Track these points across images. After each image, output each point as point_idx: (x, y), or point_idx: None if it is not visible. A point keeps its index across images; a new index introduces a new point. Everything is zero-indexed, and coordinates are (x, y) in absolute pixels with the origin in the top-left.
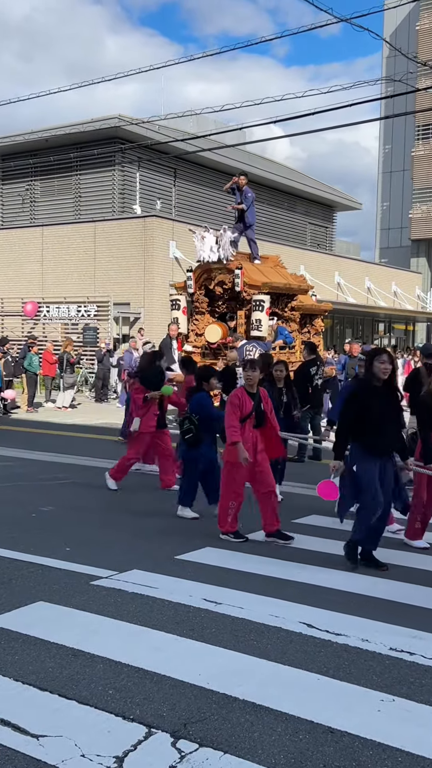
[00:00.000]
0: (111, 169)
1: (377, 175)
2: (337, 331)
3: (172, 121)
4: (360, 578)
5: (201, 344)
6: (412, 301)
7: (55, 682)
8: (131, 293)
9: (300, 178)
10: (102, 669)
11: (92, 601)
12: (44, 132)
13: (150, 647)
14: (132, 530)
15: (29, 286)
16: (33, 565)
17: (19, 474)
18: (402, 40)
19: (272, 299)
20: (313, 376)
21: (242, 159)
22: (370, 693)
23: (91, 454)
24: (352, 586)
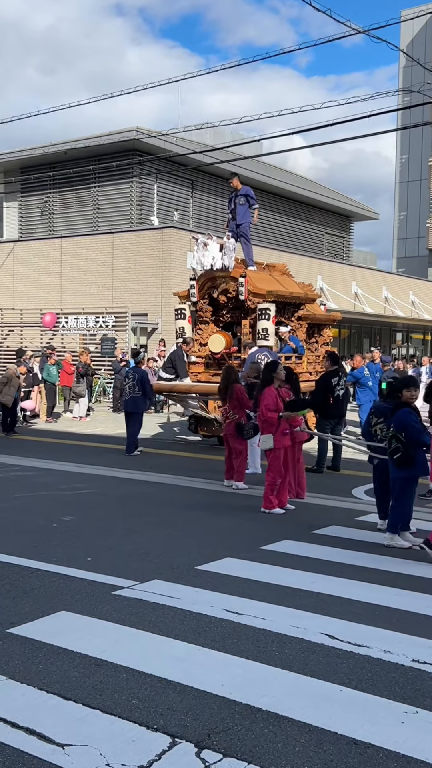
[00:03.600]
0: (129, 181)
1: (394, 185)
2: (354, 340)
3: (190, 132)
4: (381, 589)
5: (205, 354)
6: (429, 311)
7: (80, 692)
8: (149, 304)
9: (317, 189)
10: (125, 679)
11: (114, 611)
12: (63, 144)
13: (172, 657)
14: (152, 540)
15: (48, 297)
16: (55, 575)
17: (40, 484)
18: (419, 50)
19: (278, 308)
20: (334, 387)
21: (259, 170)
22: (393, 704)
23: (110, 464)
24: (373, 597)
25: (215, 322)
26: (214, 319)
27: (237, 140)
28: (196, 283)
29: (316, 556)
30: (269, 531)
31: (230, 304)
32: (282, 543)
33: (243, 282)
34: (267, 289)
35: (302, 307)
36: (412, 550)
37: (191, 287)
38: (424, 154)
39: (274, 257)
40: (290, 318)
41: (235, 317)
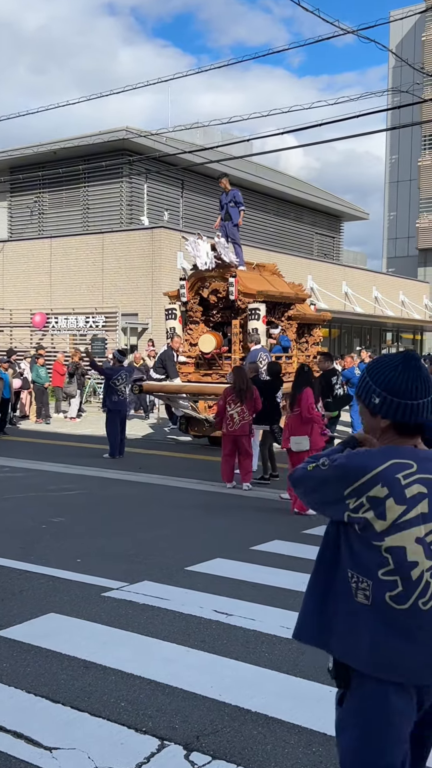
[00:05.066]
0: (119, 181)
1: (384, 185)
2: (345, 340)
3: (180, 132)
4: None
5: (195, 354)
6: (419, 311)
7: (68, 694)
8: (139, 304)
9: (307, 189)
10: (114, 681)
11: (103, 612)
12: (52, 144)
13: (162, 659)
14: (142, 541)
15: (38, 297)
16: (44, 577)
17: (29, 485)
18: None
19: (268, 308)
20: (333, 386)
21: (250, 170)
22: None
23: (100, 465)
24: None
25: (205, 322)
26: (205, 319)
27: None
28: (186, 283)
29: (307, 556)
30: (260, 531)
31: (220, 304)
32: (272, 543)
33: (233, 282)
34: (257, 289)
35: (292, 307)
36: None
37: (181, 287)
38: (413, 154)
39: (264, 257)
40: (280, 318)
41: (226, 317)
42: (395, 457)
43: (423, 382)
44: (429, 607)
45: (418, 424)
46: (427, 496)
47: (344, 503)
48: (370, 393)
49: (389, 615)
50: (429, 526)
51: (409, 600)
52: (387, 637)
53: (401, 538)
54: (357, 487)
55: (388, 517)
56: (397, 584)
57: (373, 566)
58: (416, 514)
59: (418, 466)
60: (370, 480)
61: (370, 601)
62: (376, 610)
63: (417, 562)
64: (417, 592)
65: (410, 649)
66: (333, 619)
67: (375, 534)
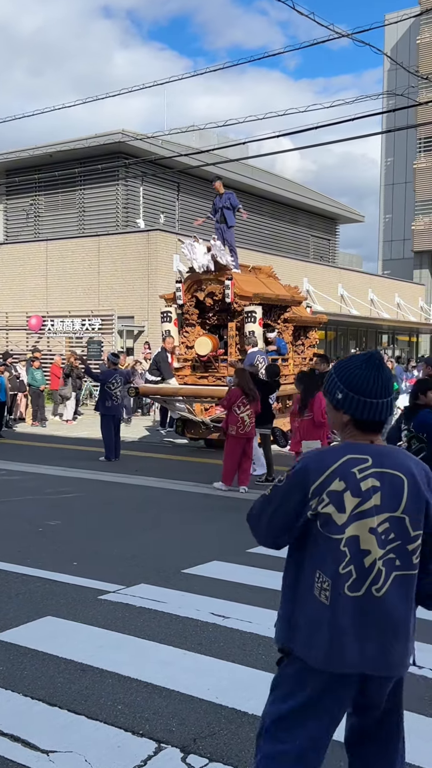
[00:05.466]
0: (114, 184)
1: (379, 188)
2: (341, 342)
3: (176, 135)
4: None
5: (191, 357)
6: (415, 313)
7: (65, 698)
8: (135, 307)
9: (303, 192)
10: (111, 684)
11: (100, 615)
12: (48, 147)
13: (158, 662)
14: (139, 544)
15: (33, 300)
16: (41, 580)
17: (26, 488)
18: (403, 54)
19: (264, 310)
20: None
21: (246, 173)
22: None
23: (96, 468)
24: None
25: (201, 324)
26: (201, 322)
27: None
28: (183, 285)
29: None
30: None
31: (216, 306)
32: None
33: (229, 285)
34: (253, 291)
35: (288, 310)
36: None
37: (177, 290)
38: (408, 156)
39: (260, 260)
40: (276, 320)
41: (222, 320)
42: (351, 453)
43: (382, 383)
44: (382, 593)
45: (377, 422)
46: (380, 489)
47: (308, 505)
48: (334, 389)
49: (346, 607)
50: (381, 517)
51: (363, 587)
52: (345, 631)
53: (356, 527)
54: (319, 484)
55: (346, 509)
56: (353, 573)
57: (335, 565)
58: (370, 505)
59: (372, 461)
60: (329, 476)
61: (328, 601)
62: (334, 607)
63: (369, 551)
64: (370, 579)
65: (363, 638)
66: (298, 621)
67: (336, 527)
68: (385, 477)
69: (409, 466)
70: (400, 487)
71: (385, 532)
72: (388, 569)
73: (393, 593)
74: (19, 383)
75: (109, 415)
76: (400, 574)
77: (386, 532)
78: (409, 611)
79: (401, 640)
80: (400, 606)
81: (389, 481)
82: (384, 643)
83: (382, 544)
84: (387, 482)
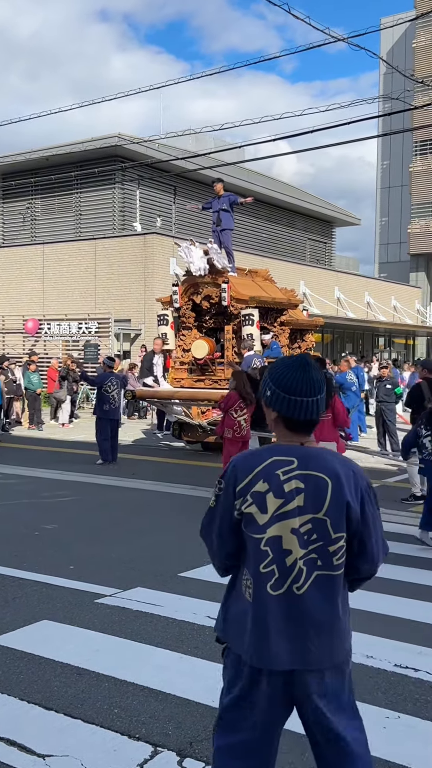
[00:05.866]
0: (111, 187)
1: (376, 191)
2: (338, 345)
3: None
4: (362, 594)
5: (188, 360)
6: (411, 316)
7: (61, 701)
8: (132, 310)
9: (299, 195)
10: (107, 688)
11: (96, 619)
12: (45, 151)
13: (155, 665)
14: (135, 547)
15: (30, 303)
16: (37, 584)
17: (22, 492)
18: (399, 57)
19: (261, 313)
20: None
21: (242, 176)
22: (375, 710)
23: (93, 471)
24: (354, 602)
25: (198, 327)
26: (197, 325)
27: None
28: (179, 288)
29: None
30: None
31: (213, 309)
32: None
33: (226, 288)
34: (250, 294)
35: (285, 313)
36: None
37: (174, 293)
38: (405, 160)
39: (257, 263)
40: (273, 323)
41: (218, 323)
42: (277, 455)
43: (308, 383)
44: (302, 592)
45: (305, 421)
46: (303, 490)
47: (234, 505)
48: (265, 386)
49: (268, 604)
50: (304, 518)
51: (285, 585)
52: (266, 628)
53: (279, 528)
54: (245, 485)
55: (268, 509)
56: (275, 572)
57: (257, 564)
58: (293, 507)
59: (298, 463)
60: (254, 477)
61: (252, 599)
62: (257, 604)
63: (291, 551)
64: (291, 577)
65: (288, 635)
66: (230, 614)
67: (258, 527)
68: (309, 479)
69: (335, 468)
70: (323, 490)
71: (307, 533)
72: (309, 569)
73: (314, 592)
74: (15, 387)
75: (106, 419)
76: (321, 574)
77: (309, 532)
78: (332, 610)
79: (323, 637)
80: (321, 605)
81: (314, 483)
82: (305, 640)
83: (303, 545)
84: (311, 484)
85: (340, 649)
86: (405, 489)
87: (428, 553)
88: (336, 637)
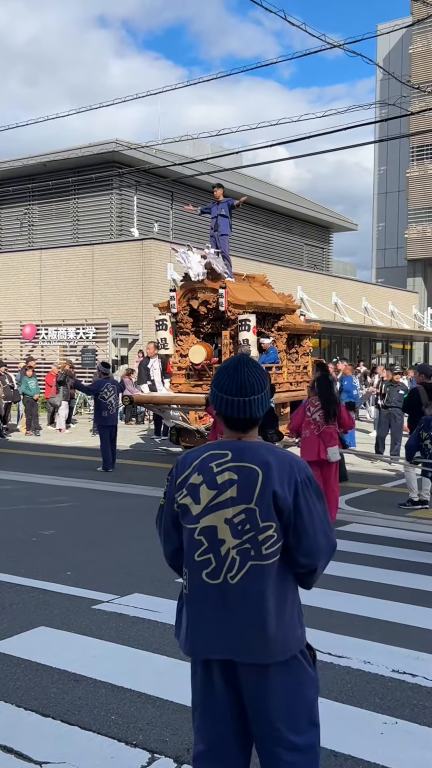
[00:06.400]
0: (108, 193)
1: (373, 196)
2: (335, 350)
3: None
4: (360, 599)
5: (185, 365)
6: (409, 321)
7: (58, 708)
8: (129, 315)
9: (296, 200)
10: (104, 694)
11: (94, 625)
12: (42, 157)
13: (152, 672)
14: (133, 553)
15: (28, 309)
16: (34, 590)
17: (19, 497)
18: (395, 63)
19: (258, 319)
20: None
21: (239, 182)
22: (372, 716)
23: (90, 477)
24: (352, 607)
25: (196, 333)
26: (195, 330)
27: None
28: (177, 294)
29: None
30: None
31: (210, 315)
32: None
33: (223, 293)
34: (247, 300)
35: (282, 318)
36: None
37: (171, 298)
38: (401, 165)
39: (254, 268)
40: (270, 328)
41: (216, 328)
42: (213, 449)
43: (237, 383)
44: (236, 581)
45: (240, 420)
46: (236, 482)
47: (174, 498)
48: (211, 386)
49: (204, 593)
50: (237, 509)
51: (221, 575)
52: (200, 618)
53: (212, 518)
54: (183, 478)
55: (201, 500)
56: (211, 561)
57: (191, 553)
58: (226, 497)
59: (232, 455)
60: (191, 471)
61: (188, 589)
62: (192, 595)
63: (224, 540)
64: (225, 566)
65: (221, 623)
66: (177, 617)
67: (192, 517)
68: (242, 470)
69: (267, 459)
70: (254, 479)
71: (240, 523)
72: (242, 558)
73: (248, 581)
74: (12, 392)
75: (105, 426)
76: (254, 564)
77: (242, 523)
78: (262, 602)
79: (255, 627)
80: (255, 594)
81: (246, 474)
82: (239, 629)
83: (237, 534)
84: (244, 475)
85: (277, 645)
86: (403, 494)
87: (425, 558)
88: (269, 631)
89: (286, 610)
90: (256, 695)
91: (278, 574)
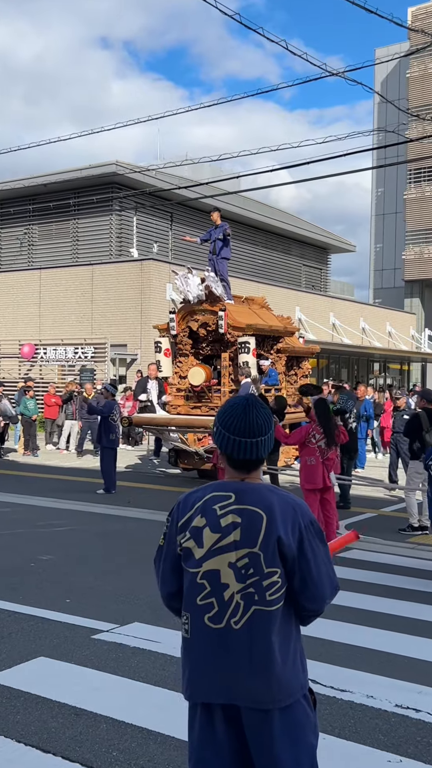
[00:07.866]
0: (108, 214)
1: (370, 217)
2: (333, 371)
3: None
4: (361, 630)
5: (185, 387)
6: (406, 342)
7: (59, 744)
8: (128, 335)
9: (295, 222)
10: (105, 729)
11: (94, 656)
12: (43, 177)
13: (154, 706)
14: (132, 580)
15: (27, 328)
16: (33, 618)
17: (17, 521)
18: (393, 87)
19: (257, 341)
20: (347, 419)
21: (239, 204)
22: (376, 753)
23: (89, 500)
24: (354, 638)
25: (195, 354)
26: (194, 352)
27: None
28: (176, 315)
29: None
30: None
31: (210, 337)
32: None
33: (223, 315)
34: (246, 322)
35: (281, 340)
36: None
37: (171, 320)
38: (399, 187)
39: (252, 289)
40: (269, 351)
41: (215, 350)
42: (216, 491)
43: (246, 423)
44: (240, 626)
45: (245, 461)
46: (240, 525)
47: (177, 541)
48: (215, 425)
49: (206, 638)
50: (241, 552)
51: (224, 619)
52: (203, 662)
53: (216, 562)
54: (185, 520)
55: (205, 544)
56: (214, 605)
57: (193, 596)
58: (230, 541)
59: (236, 498)
60: (193, 512)
61: (189, 634)
62: (194, 639)
63: (228, 585)
64: (229, 611)
65: (225, 668)
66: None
67: (194, 561)
68: (245, 513)
69: (271, 502)
70: (258, 523)
71: (244, 567)
72: (246, 603)
73: (252, 626)
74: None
75: (111, 448)
76: (258, 609)
77: (245, 567)
78: (267, 647)
79: (260, 672)
80: (259, 639)
81: (249, 517)
82: (241, 674)
83: (241, 579)
84: (247, 518)
85: (281, 689)
86: (403, 519)
87: (426, 586)
88: (274, 676)
89: (289, 654)
90: (259, 742)
91: (282, 618)
